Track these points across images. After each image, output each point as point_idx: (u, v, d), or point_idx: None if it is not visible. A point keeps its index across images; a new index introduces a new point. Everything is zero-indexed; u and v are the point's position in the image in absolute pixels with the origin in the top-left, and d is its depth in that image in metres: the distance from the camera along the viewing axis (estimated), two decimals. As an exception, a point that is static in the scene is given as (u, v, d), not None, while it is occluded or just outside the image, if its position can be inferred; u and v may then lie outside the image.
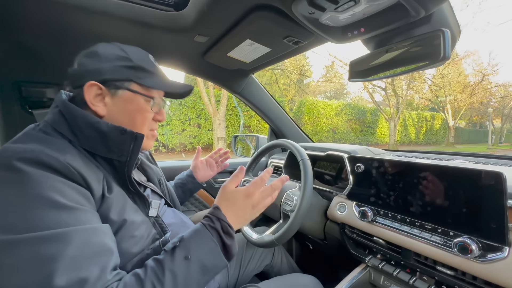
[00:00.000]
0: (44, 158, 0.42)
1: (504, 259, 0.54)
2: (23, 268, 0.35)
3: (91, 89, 0.53)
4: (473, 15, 20.76)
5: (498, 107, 19.10)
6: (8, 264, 0.34)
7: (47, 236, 0.37)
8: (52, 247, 0.37)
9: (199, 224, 0.53)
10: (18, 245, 0.35)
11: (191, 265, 0.46)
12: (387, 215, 0.78)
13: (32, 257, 0.35)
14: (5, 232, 0.36)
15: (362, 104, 14.85)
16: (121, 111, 0.56)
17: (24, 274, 0.34)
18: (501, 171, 0.55)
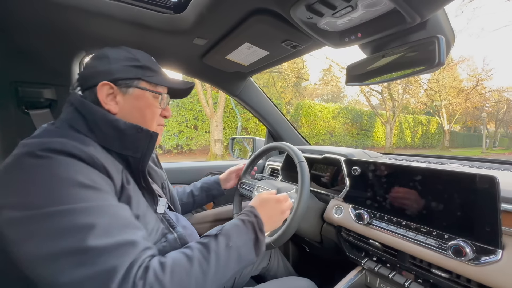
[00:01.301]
0: (71, 149, 0.44)
1: (497, 262, 0.55)
2: (62, 235, 0.37)
3: (103, 88, 0.56)
4: (468, 21, 21.16)
5: (492, 111, 19.38)
6: (49, 231, 0.37)
7: (81, 207, 0.40)
8: (87, 217, 0.39)
9: (237, 219, 0.60)
10: (55, 215, 0.38)
11: (231, 252, 0.51)
12: (383, 218, 0.79)
13: (69, 226, 0.38)
14: (42, 206, 0.38)
15: (358, 108, 14.98)
16: (132, 108, 0.60)
17: (64, 239, 0.37)
18: (494, 175, 0.56)
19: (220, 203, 1.45)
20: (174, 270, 0.43)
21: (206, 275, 0.45)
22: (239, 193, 1.11)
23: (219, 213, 1.40)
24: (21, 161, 0.41)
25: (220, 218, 1.41)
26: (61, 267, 0.36)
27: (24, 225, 0.37)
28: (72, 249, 0.37)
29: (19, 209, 0.38)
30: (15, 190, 0.39)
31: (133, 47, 0.94)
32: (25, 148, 0.43)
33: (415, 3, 0.52)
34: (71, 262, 0.36)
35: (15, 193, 0.39)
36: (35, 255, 0.36)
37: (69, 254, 0.37)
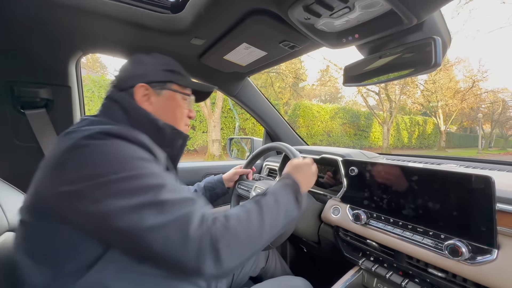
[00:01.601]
0: (127, 134, 0.49)
1: (493, 261, 0.55)
2: (140, 191, 0.43)
3: (140, 89, 0.63)
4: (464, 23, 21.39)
5: (488, 112, 19.56)
6: (128, 190, 0.43)
7: (150, 173, 0.46)
8: (156, 179, 0.46)
9: (280, 182, 0.67)
10: (131, 178, 0.44)
11: (279, 207, 0.58)
12: (380, 218, 0.79)
13: (145, 185, 0.44)
14: (118, 172, 0.44)
15: (356, 108, 15.03)
16: (165, 108, 0.66)
17: (142, 195, 0.43)
18: (490, 175, 0.56)
19: (218, 203, 1.44)
20: (238, 220, 0.49)
21: (263, 226, 0.52)
22: (236, 193, 1.11)
23: (216, 214, 1.40)
24: (85, 142, 0.45)
25: (217, 219, 1.41)
26: (144, 216, 0.42)
27: (101, 189, 0.42)
28: (151, 202, 0.43)
29: (94, 177, 0.42)
30: (90, 163, 0.44)
31: (130, 46, 0.95)
32: (84, 132, 0.47)
33: (411, 5, 0.52)
34: (152, 211, 0.42)
35: (91, 164, 0.44)
36: (117, 211, 0.41)
37: (149, 206, 0.42)
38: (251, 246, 0.49)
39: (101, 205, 0.41)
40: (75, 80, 0.97)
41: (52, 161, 0.45)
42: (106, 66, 16.12)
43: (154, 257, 0.42)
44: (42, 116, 0.92)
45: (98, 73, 12.52)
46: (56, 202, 0.43)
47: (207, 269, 0.42)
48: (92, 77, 6.73)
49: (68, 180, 0.42)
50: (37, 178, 0.47)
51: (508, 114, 20.49)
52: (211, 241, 0.43)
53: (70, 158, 0.44)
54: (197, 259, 0.42)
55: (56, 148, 0.46)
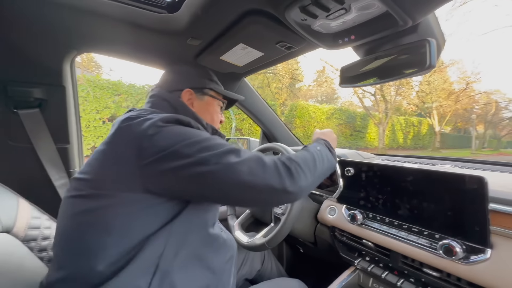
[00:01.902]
0: (194, 126, 0.60)
1: (486, 260, 0.56)
2: (219, 147, 0.54)
3: (186, 94, 0.74)
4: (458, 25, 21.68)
5: (481, 113, 19.82)
6: (210, 147, 0.53)
7: (221, 141, 0.57)
8: (229, 146, 0.56)
9: (312, 144, 0.79)
10: (209, 140, 0.55)
11: (322, 153, 0.72)
12: (375, 218, 0.80)
13: (220, 144, 0.55)
14: (198, 137, 0.55)
15: (352, 109, 15.10)
16: (205, 111, 0.78)
17: (221, 148, 0.54)
18: (483, 176, 0.57)
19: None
20: (295, 156, 0.62)
21: (314, 161, 0.66)
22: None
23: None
24: (164, 124, 0.55)
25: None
26: (229, 157, 0.53)
27: (190, 147, 0.52)
28: (229, 150, 0.54)
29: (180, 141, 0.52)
30: (175, 135, 0.54)
31: (126, 46, 0.94)
32: (159, 116, 0.56)
33: (407, 7, 0.52)
34: (233, 155, 0.54)
35: (176, 136, 0.54)
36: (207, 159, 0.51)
37: (230, 153, 0.54)
38: (311, 172, 0.62)
39: (193, 156, 0.51)
40: (69, 79, 0.96)
41: (136, 138, 0.53)
42: (101, 66, 15.99)
43: (245, 186, 0.52)
44: (36, 116, 0.90)
45: (93, 72, 12.40)
46: (144, 172, 0.51)
47: (288, 185, 0.55)
48: (87, 77, 6.65)
49: (159, 148, 0.51)
50: (108, 155, 0.54)
51: (501, 115, 20.81)
52: (283, 165, 0.57)
53: (155, 133, 0.52)
54: (279, 178, 0.54)
55: (133, 127, 0.54)
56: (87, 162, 0.58)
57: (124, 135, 0.55)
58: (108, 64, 25.64)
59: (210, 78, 0.80)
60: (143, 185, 0.51)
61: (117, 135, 0.56)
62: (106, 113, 6.48)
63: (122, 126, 0.56)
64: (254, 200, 0.57)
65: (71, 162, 1.03)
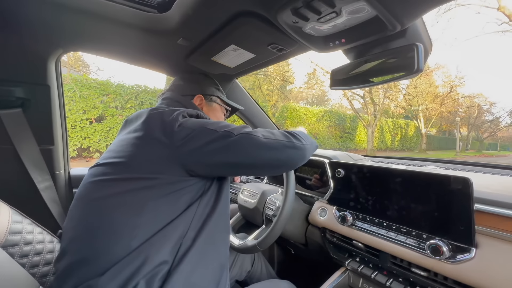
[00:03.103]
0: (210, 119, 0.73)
1: (471, 259, 0.57)
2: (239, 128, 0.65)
3: (198, 99, 0.86)
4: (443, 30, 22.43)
5: (465, 116, 20.56)
6: (232, 131, 0.62)
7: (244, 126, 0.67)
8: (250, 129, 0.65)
9: None
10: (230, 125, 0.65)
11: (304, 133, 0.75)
12: (365, 219, 0.81)
13: (239, 128, 0.64)
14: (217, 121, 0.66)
15: (342, 111, 15.34)
16: (212, 116, 0.89)
17: (241, 128, 0.64)
18: (468, 177, 0.59)
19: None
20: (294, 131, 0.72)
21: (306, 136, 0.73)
22: (224, 196, 1.10)
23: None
24: (187, 116, 0.66)
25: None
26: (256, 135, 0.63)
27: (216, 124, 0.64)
28: (250, 131, 0.63)
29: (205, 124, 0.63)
30: (199, 122, 0.64)
31: (115, 45, 0.92)
32: (183, 110, 0.66)
33: (395, 12, 0.54)
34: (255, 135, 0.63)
35: (200, 122, 0.64)
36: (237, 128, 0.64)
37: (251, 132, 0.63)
38: (306, 139, 0.71)
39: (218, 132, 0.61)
40: (54, 79, 0.93)
41: (167, 123, 0.61)
42: (88, 65, 15.56)
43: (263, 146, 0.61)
44: (18, 116, 0.87)
45: (80, 72, 12.07)
46: (179, 151, 0.58)
47: (295, 142, 0.66)
48: (73, 76, 6.47)
49: (190, 129, 0.60)
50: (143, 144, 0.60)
51: (483, 118, 21.65)
52: (285, 131, 0.69)
53: (185, 121, 0.62)
54: (286, 138, 0.65)
55: (164, 117, 0.63)
56: (115, 149, 0.63)
57: (157, 121, 0.62)
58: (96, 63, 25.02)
59: (217, 88, 0.94)
60: (178, 165, 0.58)
61: (150, 122, 0.62)
62: (94, 114, 6.33)
63: (153, 114, 0.64)
64: (272, 159, 0.63)
65: (56, 164, 1.00)
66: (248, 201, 0.98)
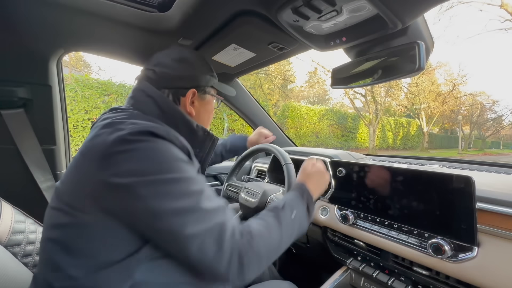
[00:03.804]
0: (172, 138, 0.50)
1: (474, 258, 0.57)
2: (183, 196, 0.46)
3: (191, 94, 0.63)
4: (445, 28, 22.31)
5: (467, 115, 20.42)
6: (173, 192, 0.45)
7: (190, 177, 0.48)
8: (196, 185, 0.48)
9: (293, 193, 0.69)
10: (176, 181, 0.46)
11: (295, 222, 0.61)
12: (367, 218, 0.80)
13: (186, 190, 0.46)
14: (165, 173, 0.46)
15: (343, 110, 15.30)
16: (204, 111, 0.69)
17: (184, 200, 0.45)
18: (470, 176, 0.58)
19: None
20: (261, 238, 0.53)
21: (281, 241, 0.57)
22: (225, 195, 1.10)
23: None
24: (135, 137, 0.47)
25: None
26: (185, 221, 0.44)
27: (150, 186, 0.44)
28: (192, 209, 0.45)
29: (142, 174, 0.44)
30: (134, 161, 0.45)
31: (116, 45, 0.92)
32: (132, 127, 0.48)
33: (396, 10, 0.53)
34: (192, 218, 0.45)
35: (134, 162, 0.45)
36: (162, 210, 0.44)
37: (190, 212, 0.45)
38: (268, 259, 0.56)
39: (146, 202, 0.43)
40: (56, 79, 0.94)
41: (99, 152, 0.46)
42: (90, 65, 15.58)
43: (188, 259, 0.46)
44: (20, 116, 0.87)
45: (82, 72, 12.11)
46: (102, 193, 0.45)
47: (232, 277, 0.48)
48: (75, 76, 6.49)
49: (118, 172, 0.44)
50: (79, 166, 0.48)
51: (486, 117, 21.51)
52: (239, 254, 0.48)
53: (120, 151, 0.45)
54: (226, 268, 0.46)
55: (102, 138, 0.47)
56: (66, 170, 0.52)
57: (95, 147, 0.48)
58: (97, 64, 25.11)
59: (212, 74, 0.69)
60: (101, 205, 0.45)
61: (90, 145, 0.49)
62: (95, 113, 6.34)
63: (99, 134, 0.49)
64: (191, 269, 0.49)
65: (58, 164, 1.00)
66: (249, 200, 0.98)
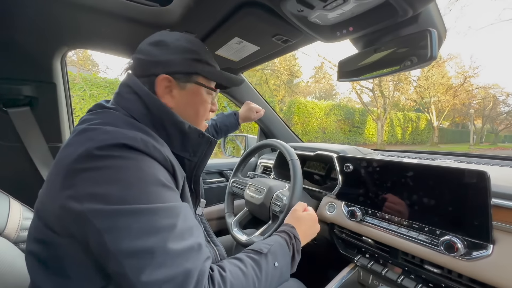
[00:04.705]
0: (152, 150, 0.44)
1: (488, 256, 0.55)
2: (147, 233, 0.38)
3: (163, 82, 0.54)
4: (456, 19, 21.57)
5: (479, 108, 19.86)
6: (135, 228, 0.38)
7: (163, 208, 0.41)
8: (168, 218, 0.41)
9: (281, 238, 0.61)
10: (139, 213, 0.38)
11: (276, 271, 0.54)
12: (375, 214, 0.78)
13: (152, 224, 0.39)
14: (131, 202, 0.39)
15: (350, 105, 15.09)
16: (188, 104, 0.58)
17: (147, 238, 0.38)
18: (485, 170, 0.56)
19: (212, 202, 1.43)
20: (233, 285, 0.44)
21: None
22: (231, 191, 1.09)
23: (211, 212, 1.38)
24: (102, 153, 0.40)
25: (212, 218, 1.39)
26: (143, 266, 0.37)
27: (107, 218, 0.37)
28: (155, 250, 0.38)
29: (102, 201, 0.38)
30: (97, 183, 0.39)
31: (118, 41, 0.92)
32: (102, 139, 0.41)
33: (407, -5, 0.50)
34: (152, 262, 0.37)
35: (97, 185, 0.38)
36: (117, 249, 0.37)
37: (151, 254, 0.37)
38: None
39: (102, 237, 0.37)
40: (60, 76, 0.94)
41: (64, 167, 0.40)
42: (98, 64, 15.81)
43: None
44: (26, 114, 0.88)
45: (90, 71, 12.30)
46: (62, 216, 0.39)
47: None
48: (83, 75, 6.60)
49: (76, 195, 0.38)
50: (50, 179, 0.43)
51: (499, 110, 20.87)
52: None
53: (84, 169, 0.39)
54: None
55: (70, 150, 0.41)
56: None
57: (62, 160, 0.42)
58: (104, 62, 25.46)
59: (197, 58, 0.57)
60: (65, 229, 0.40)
61: (61, 156, 0.43)
62: (103, 112, 6.44)
63: (70, 143, 0.43)
64: None
65: (65, 161, 1.01)
66: (254, 197, 0.97)
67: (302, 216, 0.72)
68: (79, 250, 0.40)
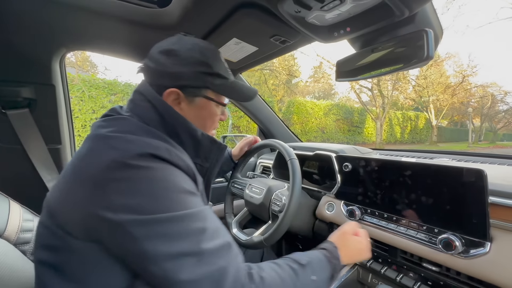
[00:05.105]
0: (175, 158, 0.46)
1: (486, 254, 0.55)
2: (180, 237, 0.40)
3: (171, 95, 0.54)
4: (454, 18, 21.58)
5: (477, 107, 19.91)
6: (169, 234, 0.40)
7: (191, 213, 0.43)
8: (197, 222, 0.43)
9: (324, 254, 0.58)
10: (171, 221, 0.41)
11: (313, 285, 0.52)
12: (374, 213, 0.79)
13: (185, 230, 0.41)
14: (163, 211, 0.41)
15: (349, 104, 15.11)
16: (195, 117, 0.58)
17: (182, 242, 0.40)
18: (482, 169, 0.56)
19: (211, 202, 1.43)
20: (273, 285, 0.45)
21: None
22: (230, 192, 1.09)
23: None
24: (133, 163, 0.41)
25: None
26: (181, 266, 0.39)
27: (143, 227, 0.39)
28: (190, 251, 0.40)
29: (136, 212, 0.40)
30: (129, 194, 0.40)
31: (117, 43, 0.92)
32: (130, 148, 0.43)
33: (403, -4, 0.51)
34: (189, 262, 0.40)
35: (130, 196, 0.40)
36: (156, 254, 0.39)
37: (187, 255, 0.40)
38: None
39: (139, 244, 0.39)
40: (59, 78, 0.94)
41: (92, 177, 0.41)
42: (96, 65, 15.80)
43: None
44: (25, 116, 0.88)
45: (88, 72, 12.27)
46: (94, 224, 0.40)
47: None
48: (82, 77, 6.59)
49: (111, 206, 0.39)
50: (71, 188, 0.43)
51: (497, 108, 20.93)
52: None
53: (115, 179, 0.40)
54: None
55: (95, 159, 0.42)
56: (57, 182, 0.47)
57: (87, 169, 0.42)
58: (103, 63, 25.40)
59: (208, 71, 0.56)
60: (93, 236, 0.41)
61: (83, 165, 0.44)
62: (102, 113, 6.43)
63: (92, 149, 0.45)
64: None
65: (64, 163, 1.01)
66: (254, 197, 0.97)
67: (350, 240, 0.65)
68: (101, 254, 0.41)
